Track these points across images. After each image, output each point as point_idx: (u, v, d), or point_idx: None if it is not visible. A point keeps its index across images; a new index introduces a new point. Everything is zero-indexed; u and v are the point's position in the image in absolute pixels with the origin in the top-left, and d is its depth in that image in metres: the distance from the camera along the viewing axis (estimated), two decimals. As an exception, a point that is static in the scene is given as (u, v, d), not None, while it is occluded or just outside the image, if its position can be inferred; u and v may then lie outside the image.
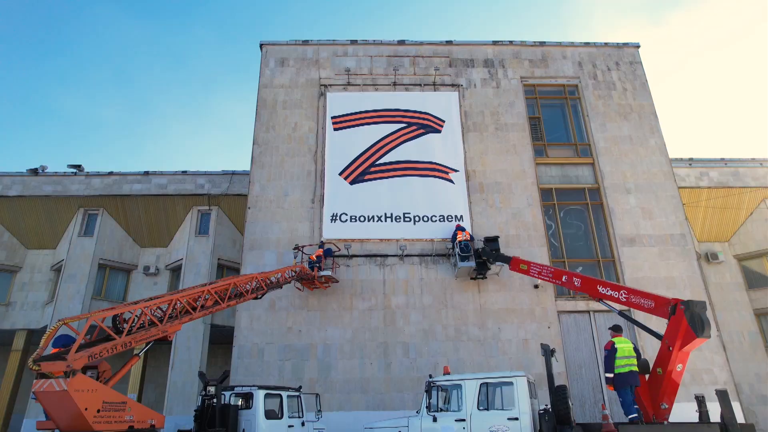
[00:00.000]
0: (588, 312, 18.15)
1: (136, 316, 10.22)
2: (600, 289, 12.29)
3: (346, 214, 18.98)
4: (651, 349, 16.21)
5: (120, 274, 25.83)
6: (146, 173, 25.90)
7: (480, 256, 17.40)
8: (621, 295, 11.75)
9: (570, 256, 19.10)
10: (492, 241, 17.62)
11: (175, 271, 25.55)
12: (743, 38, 78.36)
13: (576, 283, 13.07)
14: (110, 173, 25.84)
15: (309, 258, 17.59)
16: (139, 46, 68.44)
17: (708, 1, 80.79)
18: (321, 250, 17.92)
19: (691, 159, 26.36)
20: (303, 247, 17.97)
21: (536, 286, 18.15)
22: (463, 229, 18.08)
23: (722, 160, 26.67)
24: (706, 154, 38.58)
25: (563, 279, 13.56)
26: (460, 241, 17.71)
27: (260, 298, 14.28)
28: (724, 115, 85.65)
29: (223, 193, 25.54)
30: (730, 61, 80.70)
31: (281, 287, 15.42)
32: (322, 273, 17.14)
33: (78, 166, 26.09)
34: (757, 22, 75.68)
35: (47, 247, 25.92)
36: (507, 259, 15.86)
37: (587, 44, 22.37)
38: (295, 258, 17.59)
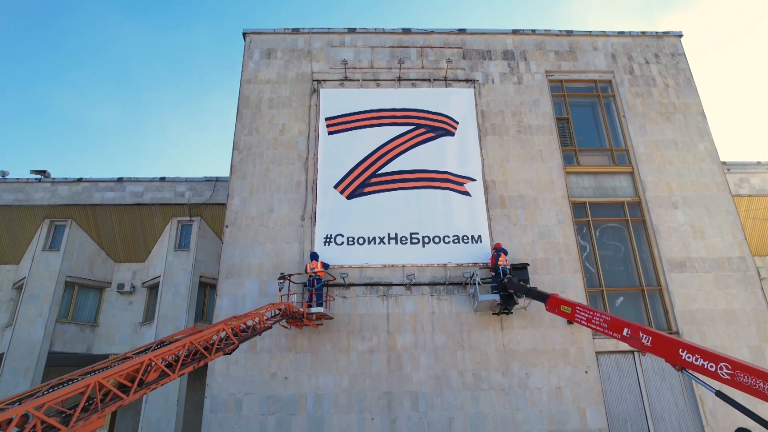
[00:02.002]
0: (632, 352, 14.58)
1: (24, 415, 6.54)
2: (684, 355, 8.64)
3: (342, 235, 15.34)
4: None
5: (91, 293, 22.20)
6: (120, 180, 22.24)
7: (505, 288, 13.78)
8: (721, 369, 8.09)
9: (608, 284, 15.49)
10: (520, 269, 14.04)
11: (153, 288, 22.00)
12: (742, 39, 74.44)
13: (645, 342, 9.43)
14: (79, 180, 22.16)
15: (307, 275, 14.10)
16: (135, 44, 64.57)
17: (702, 3, 76.76)
18: (317, 262, 14.36)
19: (724, 163, 22.71)
20: (290, 276, 14.32)
21: (570, 322, 14.53)
22: (505, 252, 14.46)
23: (758, 163, 23.03)
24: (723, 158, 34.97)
25: (625, 332, 9.92)
26: (498, 267, 14.12)
27: (230, 353, 10.64)
28: (729, 116, 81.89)
29: (206, 202, 21.92)
30: (732, 60, 76.83)
31: (260, 334, 11.77)
32: (313, 310, 13.55)
33: (43, 172, 22.46)
34: (757, 22, 71.79)
35: (9, 262, 22.33)
36: (542, 297, 12.20)
37: (621, 33, 18.66)
38: (280, 290, 13.93)
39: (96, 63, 64.58)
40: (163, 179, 22.36)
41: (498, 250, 14.61)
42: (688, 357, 8.59)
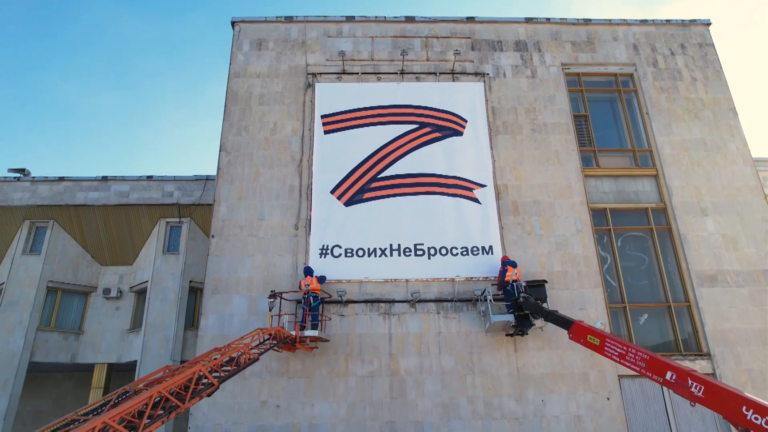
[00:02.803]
0: (659, 376, 12.96)
1: None
2: (751, 415, 7.06)
3: (340, 247, 13.71)
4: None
5: (75, 298, 20.62)
6: (104, 179, 20.58)
7: (521, 308, 12.17)
8: (800, 438, 6.51)
9: (631, 300, 13.89)
10: (537, 286, 12.42)
11: (141, 293, 20.43)
12: (742, 28, 72.06)
13: (695, 391, 7.86)
14: (61, 179, 20.49)
15: (302, 293, 12.57)
16: (131, 33, 62.19)
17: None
18: (312, 278, 12.75)
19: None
20: (281, 294, 12.69)
21: (590, 343, 12.93)
22: (513, 265, 12.84)
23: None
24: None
25: (668, 377, 8.34)
26: (507, 283, 12.53)
27: (210, 396, 9.04)
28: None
29: (196, 202, 20.24)
30: (732, 50, 74.53)
31: (245, 369, 10.16)
32: (307, 333, 11.96)
33: (22, 170, 20.76)
34: (757, 11, 69.36)
35: (-11, 266, 20.69)
36: (565, 323, 10.60)
37: (644, 22, 16.86)
38: (270, 310, 12.30)
39: (90, 51, 62.37)
40: (150, 178, 20.71)
41: (506, 263, 12.99)
42: (756, 419, 7.01)
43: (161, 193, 20.57)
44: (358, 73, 15.72)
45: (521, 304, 12.11)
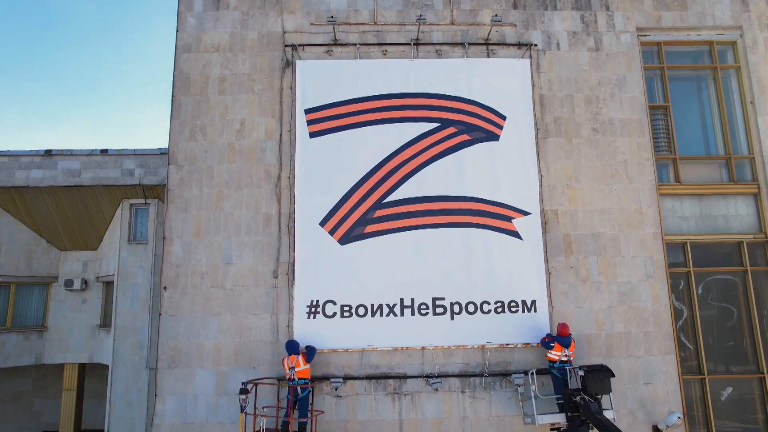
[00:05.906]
0: (741, 470, 9.89)
1: None
2: None
3: (334, 303, 9.92)
4: None
5: (34, 291, 17.32)
6: (48, 153, 16.33)
7: (576, 407, 8.70)
8: None
9: (713, 369, 10.34)
10: (600, 380, 8.76)
11: (110, 284, 16.98)
12: None
13: None
14: (-6, 155, 16.18)
15: (286, 378, 9.11)
16: None
17: None
18: (297, 356, 9.19)
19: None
20: (257, 384, 9.10)
21: (658, 429, 9.67)
22: (567, 343, 9.21)
23: None
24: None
25: None
26: (553, 363, 9.03)
27: None
28: None
29: (162, 182, 16.09)
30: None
31: None
32: (291, 444, 8.58)
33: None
34: None
35: None
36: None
37: (756, -37, 11.56)
38: (242, 410, 8.76)
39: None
40: (105, 152, 16.44)
41: (556, 339, 9.29)
42: None
43: (120, 171, 16.34)
44: (355, 45, 10.83)
45: (579, 407, 8.61)
